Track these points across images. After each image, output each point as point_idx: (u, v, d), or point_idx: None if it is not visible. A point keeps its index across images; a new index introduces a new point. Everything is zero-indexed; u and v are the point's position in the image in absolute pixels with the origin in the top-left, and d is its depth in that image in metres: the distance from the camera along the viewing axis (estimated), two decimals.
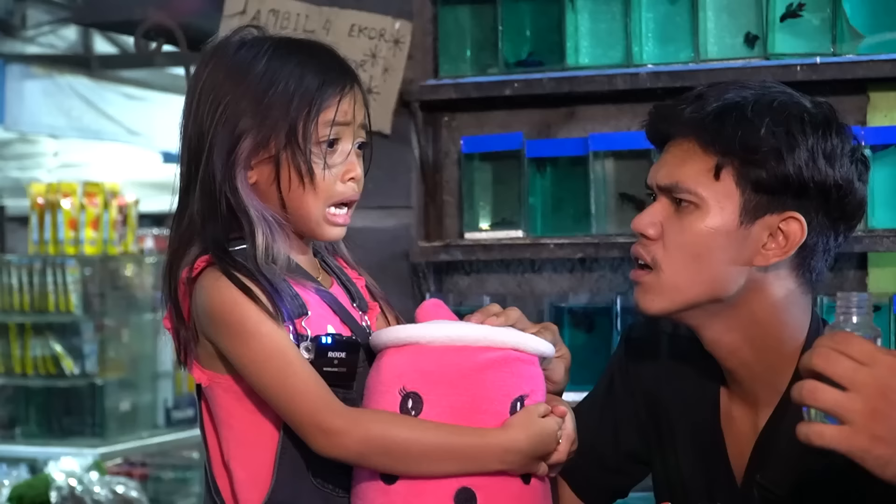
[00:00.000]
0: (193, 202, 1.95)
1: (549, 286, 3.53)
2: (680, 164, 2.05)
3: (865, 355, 1.59)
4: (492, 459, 1.85)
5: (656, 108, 2.14)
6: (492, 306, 2.00)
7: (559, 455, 1.92)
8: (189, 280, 1.93)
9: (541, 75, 3.42)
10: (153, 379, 6.93)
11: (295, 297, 1.92)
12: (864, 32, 3.20)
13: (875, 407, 1.57)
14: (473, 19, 3.54)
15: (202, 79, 1.97)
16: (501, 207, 3.54)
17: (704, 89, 2.09)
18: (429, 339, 1.88)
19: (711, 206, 2.03)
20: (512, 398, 1.88)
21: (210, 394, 1.96)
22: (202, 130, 1.94)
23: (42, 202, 6.75)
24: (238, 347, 1.89)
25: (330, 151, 1.95)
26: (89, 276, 6.58)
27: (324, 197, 1.95)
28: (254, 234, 1.92)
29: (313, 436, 1.85)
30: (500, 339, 1.89)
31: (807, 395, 1.60)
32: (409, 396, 1.86)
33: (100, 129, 8.78)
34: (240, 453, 1.94)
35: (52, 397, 6.58)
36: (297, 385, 1.86)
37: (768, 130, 2.00)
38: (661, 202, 2.07)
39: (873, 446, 1.57)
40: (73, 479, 5.77)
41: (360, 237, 3.50)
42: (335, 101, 1.94)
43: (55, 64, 8.41)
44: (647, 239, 2.07)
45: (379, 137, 3.48)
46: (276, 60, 1.95)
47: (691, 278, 2.04)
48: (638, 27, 3.36)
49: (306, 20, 3.54)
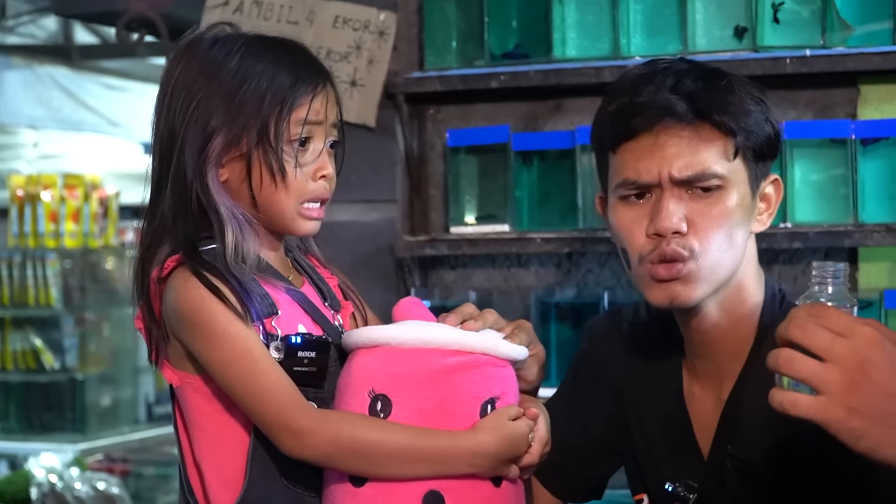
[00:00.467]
0: (165, 199, 1.96)
1: (536, 281, 3.52)
2: (694, 152, 2.05)
3: (843, 327, 1.58)
4: (460, 462, 1.85)
5: (634, 105, 2.08)
6: (466, 306, 2.00)
7: (531, 457, 1.93)
8: (159, 279, 1.94)
9: (527, 68, 3.39)
10: (134, 373, 6.91)
11: (265, 297, 1.93)
12: (854, 24, 3.17)
13: (852, 379, 1.57)
14: (459, 10, 3.52)
15: (174, 75, 1.98)
16: (487, 201, 3.51)
17: (658, 75, 2.08)
18: (399, 341, 1.88)
19: (732, 185, 2.06)
20: (482, 401, 1.88)
21: (181, 394, 1.97)
22: (174, 127, 1.95)
23: (22, 194, 6.72)
24: (207, 348, 1.89)
25: (301, 150, 1.96)
26: (69, 269, 6.56)
27: (295, 195, 1.96)
28: (224, 232, 1.94)
29: (281, 436, 1.86)
30: (471, 343, 1.89)
31: (783, 364, 1.60)
32: (378, 398, 1.87)
33: (80, 120, 8.74)
34: (211, 454, 1.95)
35: (32, 392, 6.55)
36: (265, 385, 1.87)
37: (750, 100, 2.07)
38: (677, 194, 2.06)
39: (848, 418, 1.57)
40: (54, 475, 5.76)
41: (343, 231, 3.52)
42: (307, 100, 1.96)
43: (35, 54, 8.38)
44: (680, 235, 2.05)
45: (363, 130, 3.47)
46: (249, 58, 1.97)
47: (725, 259, 2.07)
48: (626, 19, 3.34)
49: (290, 11, 3.52)
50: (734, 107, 2.05)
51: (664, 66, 2.10)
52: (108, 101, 8.81)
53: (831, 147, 3.18)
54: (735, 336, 2.12)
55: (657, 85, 2.06)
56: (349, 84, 3.47)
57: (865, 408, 1.56)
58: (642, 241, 2.07)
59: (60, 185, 6.75)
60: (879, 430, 1.56)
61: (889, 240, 3.09)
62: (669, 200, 2.04)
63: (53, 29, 8.57)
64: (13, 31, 8.43)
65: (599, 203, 2.23)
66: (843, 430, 1.57)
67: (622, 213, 2.10)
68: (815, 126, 3.20)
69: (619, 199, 2.10)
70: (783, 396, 1.60)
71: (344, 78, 3.46)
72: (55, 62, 8.49)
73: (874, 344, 1.58)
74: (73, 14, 4.46)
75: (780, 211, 3.19)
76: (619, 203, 2.11)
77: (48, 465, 5.81)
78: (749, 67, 3.16)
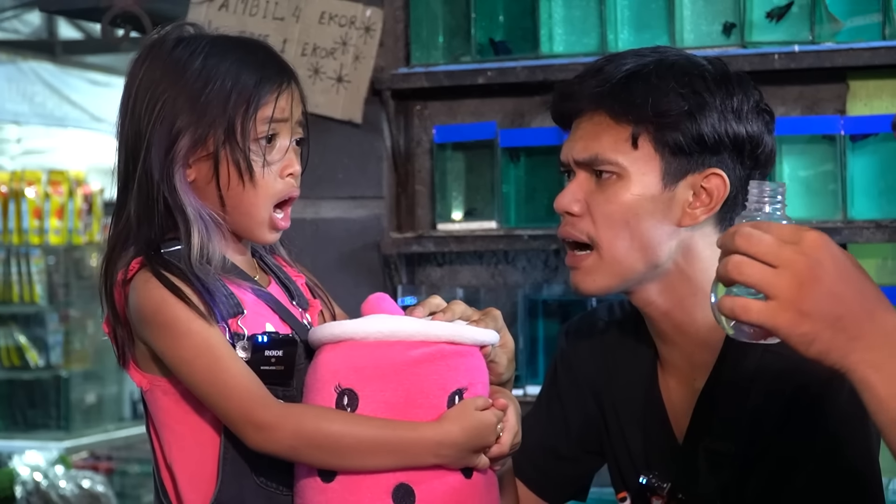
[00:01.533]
0: (131, 200, 1.97)
1: (524, 278, 3.51)
2: (595, 137, 2.08)
3: (788, 234, 1.57)
4: (425, 453, 1.84)
5: (560, 88, 2.17)
6: (433, 298, 1.99)
7: (501, 448, 1.91)
8: (124, 282, 1.94)
9: (514, 63, 3.38)
10: (119, 371, 6.82)
11: (230, 297, 1.93)
12: (843, 18, 3.16)
13: (801, 282, 1.55)
14: (445, 6, 3.51)
15: (138, 77, 1.99)
16: (474, 198, 3.51)
17: (603, 62, 2.12)
18: (363, 335, 1.87)
19: (633, 174, 2.06)
20: (449, 392, 1.87)
21: (150, 397, 1.98)
22: (139, 129, 1.95)
23: (5, 191, 6.70)
24: (170, 348, 1.89)
25: (268, 147, 1.96)
26: (54, 265, 6.54)
27: (263, 194, 1.96)
28: (190, 233, 1.94)
29: (245, 430, 1.85)
30: (435, 333, 1.89)
31: (732, 270, 1.57)
32: (344, 393, 1.86)
33: (64, 116, 8.73)
34: (181, 455, 1.95)
35: (17, 390, 6.54)
36: (228, 381, 1.86)
37: (675, 93, 2.05)
38: (580, 177, 2.10)
39: (799, 322, 1.56)
40: (38, 473, 5.74)
41: (330, 228, 3.51)
42: (273, 98, 1.96)
43: (19, 49, 8.36)
44: (573, 216, 2.09)
45: (350, 126, 3.46)
46: (213, 58, 1.97)
47: (627, 249, 2.07)
48: (613, 14, 3.33)
49: (276, 7, 3.50)
50: (639, 97, 2.05)
51: (613, 56, 2.15)
52: (92, 97, 8.80)
53: (820, 143, 3.18)
54: (696, 326, 2.12)
55: (587, 73, 2.12)
56: (335, 80, 3.46)
57: (816, 311, 1.55)
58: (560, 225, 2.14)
59: (45, 182, 6.73)
60: (830, 334, 1.55)
61: (878, 236, 3.08)
62: (573, 182, 2.10)
63: (37, 24, 8.55)
64: None
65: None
66: (793, 335, 1.56)
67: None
68: (804, 122, 3.20)
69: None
70: (733, 302, 1.57)
71: (330, 74, 3.45)
72: (39, 57, 8.48)
73: (821, 247, 1.56)
74: (58, 10, 4.45)
75: None
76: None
77: (33, 463, 5.80)
78: (737, 63, 3.15)
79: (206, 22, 3.22)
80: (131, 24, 3.78)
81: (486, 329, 1.95)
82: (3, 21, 8.40)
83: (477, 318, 1.97)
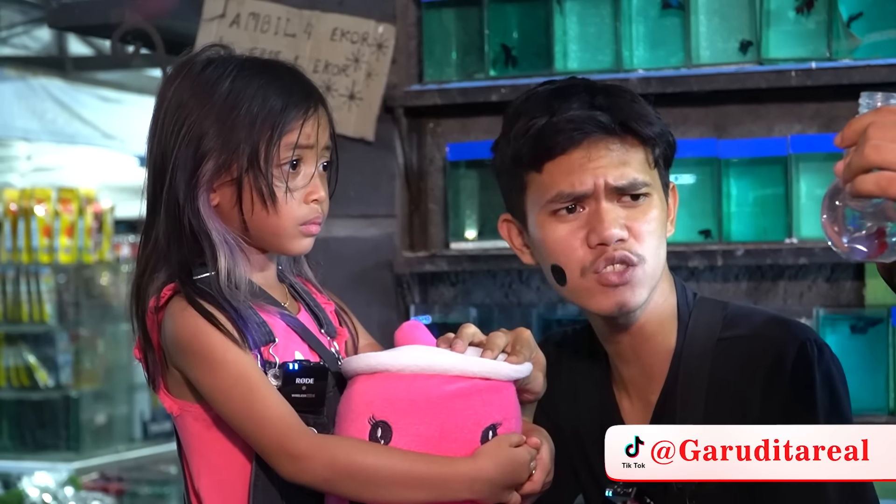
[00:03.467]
0: (159, 222, 1.97)
1: (538, 297, 3.49)
2: (625, 162, 2.13)
3: None
4: (459, 488, 1.85)
5: (558, 123, 2.14)
6: (467, 327, 1.97)
7: (533, 485, 1.93)
8: (157, 309, 1.94)
9: (528, 80, 3.35)
10: (129, 391, 6.89)
11: (261, 325, 1.93)
12: (860, 34, 3.13)
13: None
14: (458, 23, 3.49)
15: (167, 97, 1.98)
16: (488, 216, 3.48)
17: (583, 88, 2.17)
18: (399, 367, 1.88)
19: (654, 192, 2.16)
20: (483, 427, 1.88)
21: (180, 422, 1.98)
22: (166, 150, 1.95)
23: (15, 209, 6.70)
24: (205, 376, 1.90)
25: (292, 174, 1.95)
26: (64, 284, 6.54)
27: (286, 220, 1.96)
28: (216, 258, 1.94)
29: (280, 461, 1.86)
30: (471, 369, 1.89)
31: (871, 153, 1.56)
32: (378, 425, 1.87)
33: (74, 133, 8.72)
34: (210, 481, 1.95)
35: (26, 410, 6.53)
36: (264, 411, 1.87)
37: (652, 112, 2.17)
38: (609, 203, 2.13)
39: None
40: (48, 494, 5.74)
41: (342, 246, 3.48)
42: (298, 125, 1.95)
43: (28, 65, 8.37)
44: (622, 242, 2.13)
45: (362, 144, 3.44)
46: (241, 81, 1.96)
47: (658, 262, 2.17)
48: (628, 31, 3.31)
49: (287, 24, 3.48)
50: (648, 118, 2.15)
51: (568, 84, 2.19)
52: (102, 114, 8.79)
53: (837, 161, 3.14)
54: (660, 335, 2.20)
55: (577, 101, 2.14)
56: (347, 97, 3.43)
57: None
58: (582, 253, 2.13)
59: (54, 199, 6.73)
60: None
61: None
62: (608, 209, 2.12)
63: (47, 40, 8.56)
64: (6, 43, 8.41)
65: (504, 225, 2.29)
66: None
67: (555, 228, 2.15)
68: (821, 140, 3.17)
69: (550, 215, 2.15)
70: (879, 176, 1.55)
71: (342, 91, 3.43)
72: (49, 74, 8.48)
73: None
74: (68, 26, 4.45)
75: (786, 226, 3.17)
76: (550, 219, 2.15)
77: (42, 484, 5.79)
78: (753, 80, 3.14)
79: (218, 38, 3.21)
80: (142, 41, 3.76)
81: (521, 364, 1.95)
82: (13, 37, 8.40)
83: (510, 348, 1.96)
